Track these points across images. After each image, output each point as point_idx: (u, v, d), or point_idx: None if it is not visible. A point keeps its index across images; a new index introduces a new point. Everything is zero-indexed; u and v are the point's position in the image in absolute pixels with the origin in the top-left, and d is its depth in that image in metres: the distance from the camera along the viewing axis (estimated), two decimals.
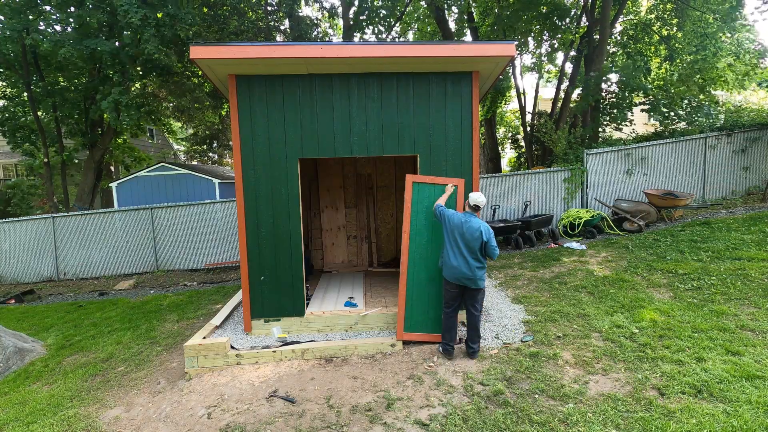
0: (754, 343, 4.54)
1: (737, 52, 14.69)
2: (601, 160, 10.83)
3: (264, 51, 5.02)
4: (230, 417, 4.02)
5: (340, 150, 5.60)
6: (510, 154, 25.06)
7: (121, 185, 15.21)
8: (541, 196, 10.91)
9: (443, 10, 16.12)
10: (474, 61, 5.37)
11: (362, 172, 8.91)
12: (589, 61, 13.99)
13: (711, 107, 13.79)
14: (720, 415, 3.48)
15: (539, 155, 16.98)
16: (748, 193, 11.02)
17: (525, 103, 18.98)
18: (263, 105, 5.50)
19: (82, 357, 6.11)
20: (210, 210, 11.58)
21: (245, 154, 5.55)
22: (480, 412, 3.81)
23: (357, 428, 3.72)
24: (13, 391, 5.30)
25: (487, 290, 7.12)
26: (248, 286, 5.67)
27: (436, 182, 5.49)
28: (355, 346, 5.12)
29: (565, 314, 5.80)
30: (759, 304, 5.41)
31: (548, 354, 4.73)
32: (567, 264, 8.03)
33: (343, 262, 8.90)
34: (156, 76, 14.92)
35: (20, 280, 11.76)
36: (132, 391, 4.87)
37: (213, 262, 11.51)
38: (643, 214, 9.68)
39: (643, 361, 4.43)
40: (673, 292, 6.16)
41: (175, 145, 27.64)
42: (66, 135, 15.46)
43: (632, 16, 17.22)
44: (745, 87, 16.85)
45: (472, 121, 5.63)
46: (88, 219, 11.65)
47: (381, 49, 5.27)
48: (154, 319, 7.53)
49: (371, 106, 5.58)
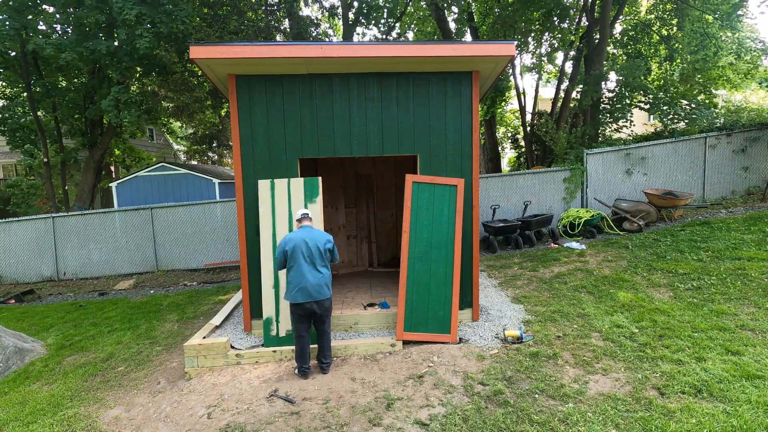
0: (753, 343, 4.54)
1: (738, 50, 14.68)
2: (601, 160, 10.83)
3: (264, 51, 5.03)
4: (230, 417, 4.02)
5: (339, 150, 5.60)
6: (510, 154, 25.06)
7: (121, 185, 15.21)
8: (541, 196, 10.90)
9: (443, 10, 16.11)
10: (474, 61, 5.37)
11: (362, 171, 8.91)
12: (589, 61, 13.99)
13: (712, 107, 13.79)
14: (720, 415, 3.48)
15: (539, 155, 16.98)
16: (748, 192, 11.02)
17: (525, 103, 18.97)
18: (263, 105, 5.50)
19: (82, 357, 6.11)
20: (210, 210, 11.58)
21: (245, 154, 5.55)
22: (480, 411, 3.81)
23: (357, 428, 3.72)
24: (13, 391, 5.30)
25: (487, 290, 7.13)
26: (248, 286, 5.67)
27: (436, 182, 5.49)
28: (355, 346, 5.12)
29: (565, 314, 5.80)
30: (759, 304, 5.41)
31: (548, 354, 4.73)
32: (567, 264, 8.03)
33: (343, 262, 8.90)
34: (156, 75, 14.92)
35: (20, 280, 11.76)
36: (132, 391, 4.87)
37: (213, 262, 11.51)
38: (643, 214, 9.68)
39: (643, 361, 4.43)
40: (673, 291, 6.16)
41: (174, 144, 27.63)
42: (66, 135, 15.46)
43: (632, 17, 17.22)
44: (747, 85, 16.81)
45: (472, 121, 5.63)
46: (88, 219, 11.65)
47: (381, 48, 5.27)
48: (154, 319, 7.53)
49: (371, 106, 5.58)
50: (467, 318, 5.81)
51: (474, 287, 5.79)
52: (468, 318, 5.81)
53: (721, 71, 15.54)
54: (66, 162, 15.13)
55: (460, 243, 5.48)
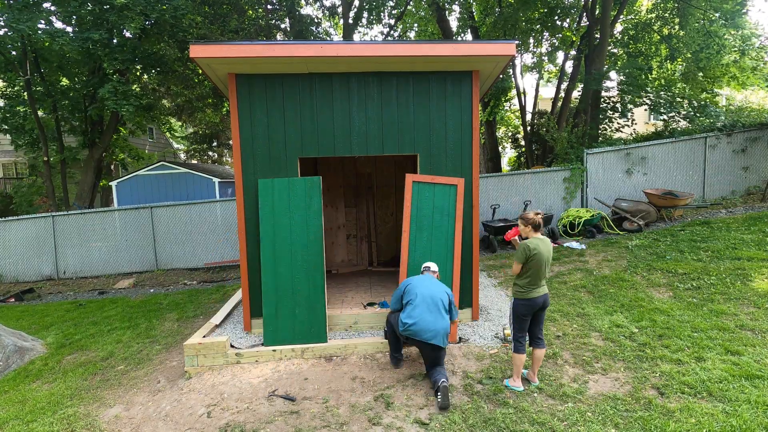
0: (753, 343, 4.54)
1: (742, 48, 14.65)
2: (601, 160, 10.83)
3: (264, 50, 5.02)
4: (230, 416, 4.03)
5: (339, 149, 5.60)
6: (510, 154, 25.06)
7: (121, 184, 15.21)
8: (541, 196, 10.90)
9: (444, 10, 16.11)
10: (474, 61, 5.36)
11: (362, 171, 8.91)
12: (589, 61, 13.99)
13: (713, 107, 13.78)
14: (719, 415, 3.48)
15: (539, 155, 16.97)
16: (747, 192, 11.02)
17: (525, 103, 18.97)
18: (263, 104, 5.50)
19: (82, 356, 6.11)
20: (210, 209, 11.58)
21: (245, 153, 5.54)
22: (480, 411, 3.81)
23: (357, 427, 3.72)
24: (13, 389, 5.30)
25: (487, 290, 7.13)
26: (248, 286, 5.67)
27: (437, 182, 5.49)
28: (355, 345, 5.12)
29: (565, 313, 5.80)
30: (759, 304, 5.41)
31: (548, 353, 4.73)
32: (567, 263, 8.03)
33: (343, 261, 8.90)
34: (156, 74, 14.92)
35: (20, 279, 11.76)
36: (132, 389, 4.87)
37: (213, 261, 11.51)
38: (643, 214, 9.68)
39: (643, 361, 4.43)
40: (673, 291, 6.16)
41: (174, 144, 27.63)
42: (67, 132, 15.46)
43: (633, 16, 17.21)
44: (754, 82, 16.73)
45: (472, 121, 5.63)
46: (88, 218, 11.65)
47: (381, 48, 5.27)
48: (153, 318, 7.53)
49: (371, 105, 5.57)
50: (467, 317, 5.81)
51: (474, 287, 5.79)
52: (468, 317, 5.81)
53: (725, 69, 15.50)
54: (66, 161, 15.12)
55: (460, 242, 5.48)
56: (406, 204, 5.43)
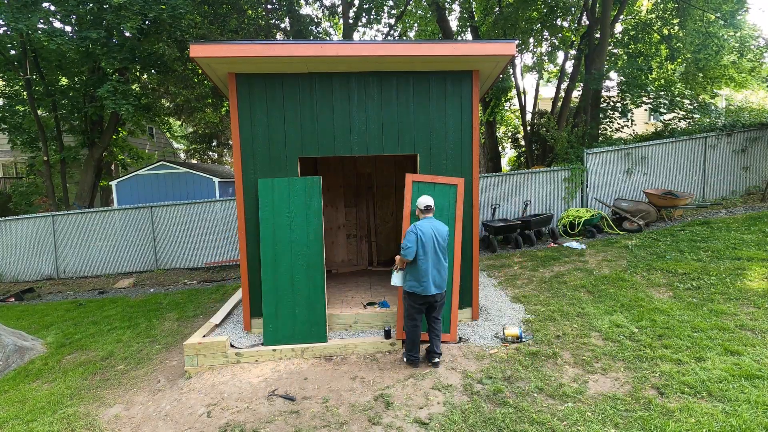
0: (753, 343, 4.54)
1: (741, 49, 14.66)
2: (601, 160, 10.83)
3: (264, 50, 5.02)
4: (230, 415, 4.03)
5: (340, 149, 5.60)
6: (510, 154, 25.06)
7: (121, 184, 15.19)
8: (541, 196, 10.90)
9: (444, 9, 16.10)
10: (474, 60, 5.36)
11: (362, 171, 8.91)
12: (589, 61, 13.98)
13: (714, 106, 13.79)
14: (719, 415, 3.48)
15: (539, 154, 16.98)
16: (747, 192, 11.02)
17: (525, 103, 18.97)
18: (263, 103, 5.50)
19: (82, 355, 6.11)
20: (210, 209, 11.58)
21: (245, 153, 5.54)
22: (479, 411, 3.81)
23: (356, 427, 3.73)
24: (13, 389, 5.30)
25: (487, 289, 7.13)
26: (248, 285, 5.67)
27: (437, 181, 5.49)
28: (354, 345, 5.12)
29: (565, 313, 5.80)
30: (758, 304, 5.41)
31: (547, 353, 4.73)
32: (567, 263, 8.03)
33: (343, 261, 8.90)
34: (156, 73, 14.91)
35: (20, 279, 11.75)
36: (132, 389, 4.87)
37: (213, 261, 11.51)
38: (643, 214, 9.68)
39: (643, 361, 4.43)
40: (673, 291, 6.16)
41: (174, 143, 27.60)
42: (66, 132, 15.45)
43: (632, 16, 17.21)
44: (751, 83, 16.75)
45: (472, 121, 5.63)
46: (88, 217, 11.65)
47: (381, 47, 5.27)
48: (153, 318, 7.53)
49: (371, 105, 5.57)
50: (467, 317, 5.81)
51: (474, 286, 5.79)
52: (467, 317, 5.82)
53: (724, 70, 15.51)
54: (66, 160, 15.11)
55: (460, 242, 5.48)
56: (406, 204, 5.43)
